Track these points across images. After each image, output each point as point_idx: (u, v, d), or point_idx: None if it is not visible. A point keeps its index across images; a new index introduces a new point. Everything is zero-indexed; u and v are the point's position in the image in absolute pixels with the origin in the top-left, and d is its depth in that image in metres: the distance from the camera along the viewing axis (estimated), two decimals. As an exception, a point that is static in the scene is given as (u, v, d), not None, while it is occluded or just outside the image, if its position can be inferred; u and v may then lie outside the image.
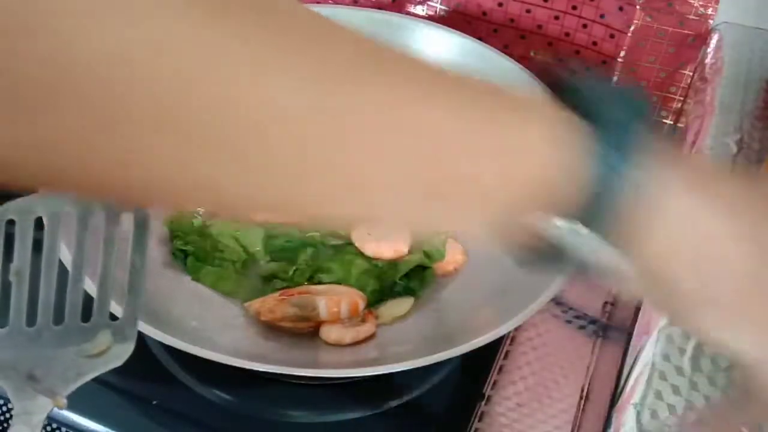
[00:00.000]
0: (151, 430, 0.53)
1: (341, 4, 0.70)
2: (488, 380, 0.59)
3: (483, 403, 0.58)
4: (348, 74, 0.22)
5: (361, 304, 0.56)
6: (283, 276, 0.58)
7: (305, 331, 0.55)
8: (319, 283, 0.57)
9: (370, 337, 0.55)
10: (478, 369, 0.59)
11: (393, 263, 0.59)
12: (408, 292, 0.58)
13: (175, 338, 0.46)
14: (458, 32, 0.65)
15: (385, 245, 0.59)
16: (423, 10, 0.72)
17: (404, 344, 0.54)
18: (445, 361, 0.47)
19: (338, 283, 0.57)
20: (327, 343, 0.54)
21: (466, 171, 0.24)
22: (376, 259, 0.59)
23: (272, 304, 0.55)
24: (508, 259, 0.59)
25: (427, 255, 0.59)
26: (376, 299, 0.57)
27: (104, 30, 0.19)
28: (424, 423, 0.55)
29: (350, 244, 0.59)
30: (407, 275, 0.58)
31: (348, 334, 0.54)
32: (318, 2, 0.69)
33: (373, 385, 0.55)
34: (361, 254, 0.59)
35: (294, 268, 0.58)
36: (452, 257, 0.60)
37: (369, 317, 0.56)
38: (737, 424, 0.33)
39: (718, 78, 0.56)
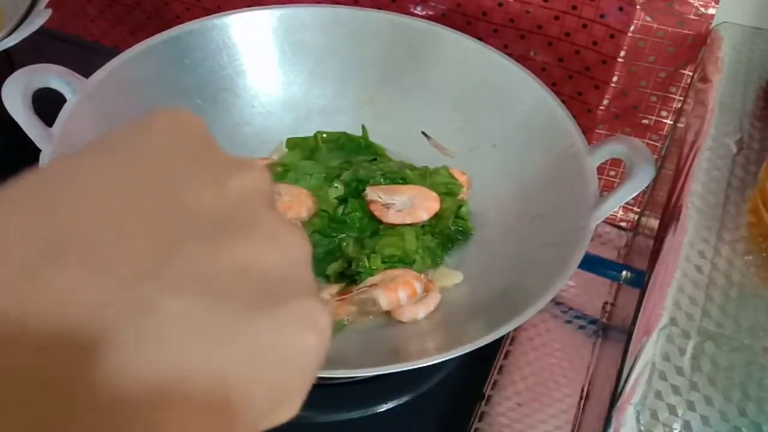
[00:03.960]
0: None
1: (341, 4, 0.70)
2: (488, 380, 0.59)
3: (483, 403, 0.58)
4: None
5: (418, 285, 0.56)
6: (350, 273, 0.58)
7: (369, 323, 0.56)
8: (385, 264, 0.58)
9: (439, 307, 0.56)
10: (478, 369, 0.59)
11: (436, 217, 0.61)
12: (463, 229, 0.61)
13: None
14: (458, 32, 0.65)
15: (418, 211, 0.60)
16: (423, 10, 0.72)
17: (406, 345, 0.54)
18: (445, 361, 0.47)
19: (402, 257, 0.58)
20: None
21: None
22: (417, 223, 0.60)
23: (334, 307, 0.56)
24: (509, 260, 0.59)
25: (449, 194, 0.61)
26: (441, 254, 0.60)
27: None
28: (424, 423, 0.55)
29: (381, 226, 0.61)
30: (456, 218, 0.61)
31: (420, 310, 0.55)
32: (319, 2, 0.69)
33: (373, 385, 0.55)
34: (402, 225, 0.60)
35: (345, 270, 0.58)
36: (461, 181, 0.63)
37: (430, 286, 0.57)
38: None
39: (718, 78, 0.56)
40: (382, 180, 0.62)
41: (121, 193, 0.20)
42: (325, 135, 0.67)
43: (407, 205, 0.61)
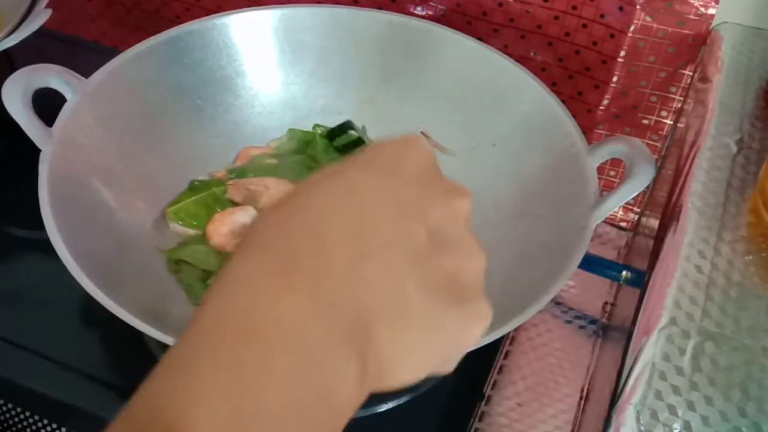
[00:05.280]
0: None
1: (341, 4, 0.70)
2: (488, 380, 0.59)
3: (483, 403, 0.58)
4: None
5: None
6: None
7: None
8: None
9: None
10: (478, 369, 0.59)
11: None
12: None
13: (174, 338, 0.46)
14: (458, 32, 0.65)
15: None
16: (423, 10, 0.72)
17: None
18: (445, 361, 0.47)
19: None
20: None
21: None
22: None
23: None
24: (509, 260, 0.59)
25: None
26: None
27: None
28: (424, 423, 0.55)
29: None
30: None
31: None
32: (318, 2, 0.69)
33: (373, 385, 0.55)
34: None
35: None
36: None
37: None
38: None
39: (718, 78, 0.56)
40: None
41: (393, 209, 0.29)
42: (324, 129, 0.67)
43: None
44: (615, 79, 0.67)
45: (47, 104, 0.56)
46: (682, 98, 0.66)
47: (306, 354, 0.25)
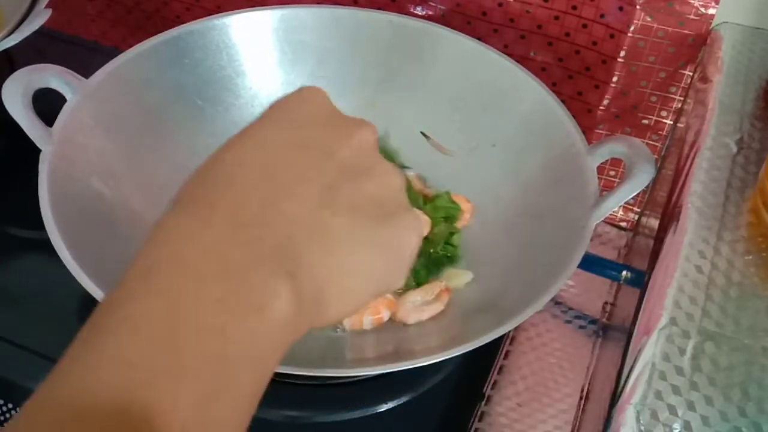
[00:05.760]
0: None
1: (341, 4, 0.70)
2: (488, 380, 0.59)
3: (483, 403, 0.58)
4: None
5: (386, 313, 0.56)
6: None
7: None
8: None
9: (439, 315, 0.56)
10: (478, 369, 0.59)
11: (425, 240, 0.60)
12: (450, 256, 0.61)
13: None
14: (458, 32, 0.65)
15: None
16: (423, 10, 0.72)
17: (405, 344, 0.54)
18: (445, 361, 0.47)
19: None
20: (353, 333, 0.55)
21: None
22: None
23: None
24: (509, 260, 0.58)
25: (447, 219, 0.61)
26: (425, 275, 0.59)
27: None
28: (424, 423, 0.55)
29: None
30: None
31: (411, 317, 0.56)
32: (319, 3, 0.69)
33: (373, 385, 0.55)
34: None
35: None
36: (464, 208, 0.62)
37: (444, 296, 0.57)
38: None
39: (718, 78, 0.56)
40: None
41: (298, 154, 0.31)
42: None
43: None
44: (615, 79, 0.67)
45: (47, 104, 0.56)
46: (682, 98, 0.66)
47: (232, 276, 0.27)
